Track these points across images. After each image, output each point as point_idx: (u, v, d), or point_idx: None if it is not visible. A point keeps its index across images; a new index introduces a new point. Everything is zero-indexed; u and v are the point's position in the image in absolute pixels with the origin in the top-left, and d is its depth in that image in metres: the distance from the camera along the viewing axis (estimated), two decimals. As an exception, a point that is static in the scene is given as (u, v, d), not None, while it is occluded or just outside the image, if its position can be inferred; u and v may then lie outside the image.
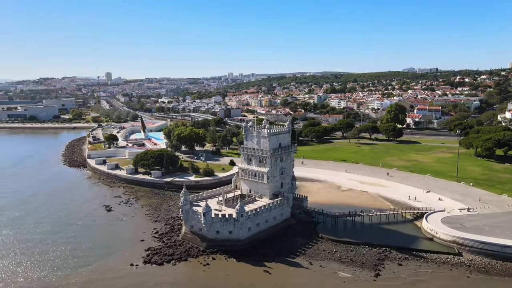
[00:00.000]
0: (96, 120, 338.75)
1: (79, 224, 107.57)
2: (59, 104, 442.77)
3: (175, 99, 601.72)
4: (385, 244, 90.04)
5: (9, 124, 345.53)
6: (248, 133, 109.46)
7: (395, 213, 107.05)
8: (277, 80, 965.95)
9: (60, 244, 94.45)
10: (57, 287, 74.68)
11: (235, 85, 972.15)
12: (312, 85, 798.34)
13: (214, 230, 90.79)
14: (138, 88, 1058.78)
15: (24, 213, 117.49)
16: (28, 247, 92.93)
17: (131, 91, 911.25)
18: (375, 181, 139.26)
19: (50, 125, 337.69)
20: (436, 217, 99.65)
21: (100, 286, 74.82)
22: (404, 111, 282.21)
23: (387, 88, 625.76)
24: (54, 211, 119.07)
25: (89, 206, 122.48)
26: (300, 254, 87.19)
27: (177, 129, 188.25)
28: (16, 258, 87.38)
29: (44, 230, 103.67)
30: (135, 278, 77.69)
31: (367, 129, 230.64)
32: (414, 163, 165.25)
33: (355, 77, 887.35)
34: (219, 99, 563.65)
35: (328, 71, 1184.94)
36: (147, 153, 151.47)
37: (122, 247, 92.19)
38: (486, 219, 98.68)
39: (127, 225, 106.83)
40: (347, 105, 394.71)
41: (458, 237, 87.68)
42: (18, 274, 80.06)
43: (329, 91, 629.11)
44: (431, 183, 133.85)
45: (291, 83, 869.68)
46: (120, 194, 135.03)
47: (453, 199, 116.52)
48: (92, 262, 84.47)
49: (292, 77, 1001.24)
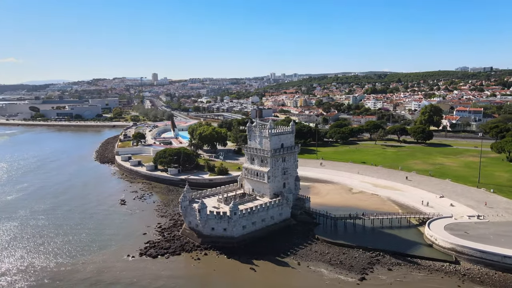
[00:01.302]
0: (134, 119, 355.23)
1: (91, 216, 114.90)
2: (103, 103, 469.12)
3: (213, 99, 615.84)
4: (379, 248, 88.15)
5: (57, 122, 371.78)
6: (251, 133, 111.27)
7: (398, 217, 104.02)
8: (318, 81, 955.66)
9: (67, 233, 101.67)
10: (48, 273, 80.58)
11: (275, 86, 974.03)
12: (353, 86, 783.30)
13: (209, 226, 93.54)
14: (181, 88, 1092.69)
15: (41, 203, 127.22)
16: (33, 235, 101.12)
17: (174, 91, 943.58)
18: (390, 184, 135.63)
19: (92, 123, 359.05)
20: (440, 224, 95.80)
21: (91, 273, 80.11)
22: (439, 112, 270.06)
23: (432, 88, 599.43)
24: (69, 202, 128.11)
25: (105, 200, 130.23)
26: (291, 254, 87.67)
27: (200, 128, 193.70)
28: (24, 246, 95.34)
29: (55, 220, 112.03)
30: (125, 267, 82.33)
31: (396, 131, 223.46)
32: (438, 167, 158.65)
33: (399, 77, 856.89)
34: (256, 99, 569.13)
35: (373, 71, 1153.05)
36: (166, 151, 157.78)
37: (124, 238, 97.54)
38: (495, 227, 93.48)
39: (135, 218, 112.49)
40: (383, 106, 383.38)
41: (457, 245, 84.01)
42: (25, 260, 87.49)
43: (369, 91, 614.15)
44: (448, 188, 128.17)
45: (332, 84, 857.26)
46: (137, 190, 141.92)
47: (466, 205, 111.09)
48: (93, 251, 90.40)
49: (334, 77, 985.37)
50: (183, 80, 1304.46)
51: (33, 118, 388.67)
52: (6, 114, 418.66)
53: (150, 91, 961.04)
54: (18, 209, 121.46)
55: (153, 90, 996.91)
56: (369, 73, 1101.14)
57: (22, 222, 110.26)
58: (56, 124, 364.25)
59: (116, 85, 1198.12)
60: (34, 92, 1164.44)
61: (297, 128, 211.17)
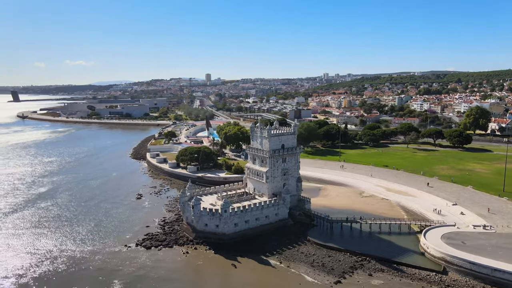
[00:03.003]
0: (177, 118, 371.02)
1: (104, 207, 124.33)
2: (151, 103, 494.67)
3: (260, 99, 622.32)
4: (367, 253, 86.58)
5: (109, 120, 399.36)
6: (253, 133, 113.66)
7: (398, 223, 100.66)
8: (371, 81, 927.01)
9: (76, 222, 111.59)
10: (47, 258, 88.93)
11: (325, 86, 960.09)
12: (407, 86, 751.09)
13: (202, 222, 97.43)
14: (233, 88, 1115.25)
15: (64, 194, 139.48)
16: (48, 220, 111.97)
17: (225, 91, 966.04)
18: (404, 189, 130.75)
19: (139, 122, 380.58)
20: (438, 232, 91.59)
21: (81, 258, 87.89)
22: (487, 115, 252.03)
23: (494, 89, 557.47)
24: (91, 195, 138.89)
25: (123, 193, 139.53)
26: (277, 254, 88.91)
27: (226, 128, 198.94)
28: (39, 231, 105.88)
29: (69, 210, 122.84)
30: (116, 256, 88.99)
31: (431, 134, 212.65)
32: (466, 173, 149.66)
33: (459, 77, 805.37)
34: (302, 100, 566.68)
35: (434, 71, 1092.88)
36: (187, 149, 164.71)
37: (127, 230, 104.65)
38: (498, 239, 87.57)
39: (144, 212, 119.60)
40: (429, 107, 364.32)
41: (446, 254, 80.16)
42: (37, 243, 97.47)
43: (422, 92, 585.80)
44: (466, 196, 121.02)
45: (385, 84, 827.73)
46: (157, 185, 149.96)
47: (477, 214, 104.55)
48: (94, 239, 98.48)
49: (387, 78, 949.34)
50: (235, 81, 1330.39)
51: (89, 116, 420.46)
52: (67, 113, 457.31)
53: (202, 91, 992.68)
54: (43, 199, 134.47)
55: (205, 91, 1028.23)
56: (429, 73, 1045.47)
57: (42, 209, 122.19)
58: (107, 122, 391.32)
59: (172, 85, 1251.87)
60: (99, 92, 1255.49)
61: (325, 129, 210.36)
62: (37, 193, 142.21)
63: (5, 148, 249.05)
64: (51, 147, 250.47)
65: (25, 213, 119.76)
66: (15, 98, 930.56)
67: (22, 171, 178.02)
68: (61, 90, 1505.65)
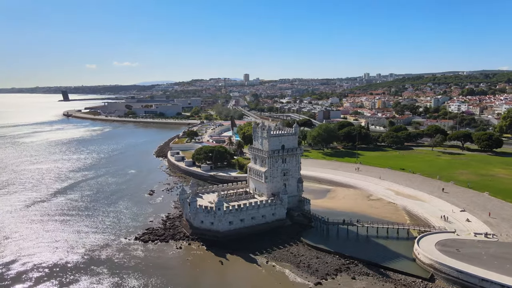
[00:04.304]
0: (207, 118, 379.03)
1: (115, 201, 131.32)
2: (185, 103, 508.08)
3: (294, 99, 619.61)
4: (356, 257, 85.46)
5: (143, 119, 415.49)
6: (255, 134, 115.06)
7: (396, 227, 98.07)
8: (412, 81, 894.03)
9: (85, 214, 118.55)
10: (50, 242, 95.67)
11: (364, 86, 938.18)
12: (451, 86, 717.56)
13: (198, 219, 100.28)
14: (270, 88, 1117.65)
15: (83, 189, 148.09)
16: (59, 214, 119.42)
17: (262, 92, 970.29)
18: (414, 194, 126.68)
19: (171, 121, 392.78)
20: (434, 238, 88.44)
21: (82, 248, 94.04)
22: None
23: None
24: (106, 190, 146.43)
25: (136, 189, 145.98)
26: (266, 253, 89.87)
27: (245, 128, 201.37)
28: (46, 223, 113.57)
29: (86, 204, 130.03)
30: (111, 247, 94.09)
31: (458, 137, 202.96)
32: (489, 178, 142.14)
33: (509, 77, 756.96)
34: (336, 101, 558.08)
35: (485, 70, 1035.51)
36: (202, 148, 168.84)
37: (131, 224, 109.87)
38: (497, 248, 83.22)
39: (151, 207, 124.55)
40: (467, 109, 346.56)
41: (435, 261, 77.53)
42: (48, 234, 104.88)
43: (466, 93, 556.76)
44: (478, 202, 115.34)
45: (427, 84, 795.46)
46: (171, 182, 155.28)
47: (484, 221, 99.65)
48: (97, 231, 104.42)
49: (430, 77, 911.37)
50: (273, 81, 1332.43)
51: (126, 115, 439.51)
52: (106, 111, 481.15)
53: (239, 91, 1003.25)
54: (60, 193, 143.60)
55: (242, 91, 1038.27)
56: (477, 73, 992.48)
57: (55, 203, 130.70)
58: (142, 120, 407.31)
59: (211, 85, 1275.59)
60: (142, 92, 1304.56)
61: (346, 130, 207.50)
62: (57, 188, 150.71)
63: (42, 145, 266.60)
64: (85, 144, 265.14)
65: (43, 205, 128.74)
66: (65, 98, 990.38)
67: (51, 167, 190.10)
68: (108, 90, 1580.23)
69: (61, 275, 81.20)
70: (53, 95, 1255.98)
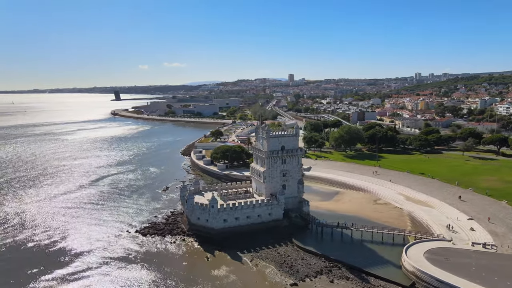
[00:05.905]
0: (242, 118, 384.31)
1: (128, 196, 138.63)
2: (223, 103, 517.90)
3: (335, 100, 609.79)
4: (340, 260, 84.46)
5: (181, 118, 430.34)
6: (257, 134, 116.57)
7: (391, 233, 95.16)
8: (466, 81, 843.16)
9: (100, 205, 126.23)
10: (55, 229, 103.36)
11: (412, 87, 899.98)
12: (510, 87, 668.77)
13: (195, 216, 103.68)
14: (315, 88, 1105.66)
15: (102, 185, 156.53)
16: (72, 207, 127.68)
17: (306, 92, 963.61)
18: (425, 199, 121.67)
19: (207, 120, 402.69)
20: (424, 246, 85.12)
21: (78, 237, 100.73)
22: None
23: None
24: (123, 185, 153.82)
25: (153, 185, 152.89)
26: (253, 252, 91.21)
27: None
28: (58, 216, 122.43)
29: (103, 197, 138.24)
30: (110, 238, 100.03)
31: (493, 141, 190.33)
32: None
33: None
34: (378, 102, 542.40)
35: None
36: (220, 147, 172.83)
37: (135, 217, 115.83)
38: (493, 260, 78.59)
39: (160, 203, 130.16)
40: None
41: (417, 269, 74.87)
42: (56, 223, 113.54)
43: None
44: (490, 211, 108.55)
45: (482, 84, 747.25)
46: (187, 180, 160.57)
47: (489, 231, 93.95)
48: (103, 223, 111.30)
49: (487, 77, 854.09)
50: (318, 81, 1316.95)
51: (166, 114, 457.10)
52: (148, 111, 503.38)
53: (283, 92, 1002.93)
54: (81, 188, 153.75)
55: (285, 91, 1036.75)
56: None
57: (70, 198, 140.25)
58: (180, 120, 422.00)
59: (256, 85, 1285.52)
60: (189, 92, 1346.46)
61: (371, 133, 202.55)
62: (77, 183, 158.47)
63: (80, 142, 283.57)
64: (122, 142, 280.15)
65: (62, 198, 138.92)
66: (117, 97, 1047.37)
67: (81, 163, 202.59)
68: (158, 90, 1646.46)
69: (48, 260, 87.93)
70: (108, 95, 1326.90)
